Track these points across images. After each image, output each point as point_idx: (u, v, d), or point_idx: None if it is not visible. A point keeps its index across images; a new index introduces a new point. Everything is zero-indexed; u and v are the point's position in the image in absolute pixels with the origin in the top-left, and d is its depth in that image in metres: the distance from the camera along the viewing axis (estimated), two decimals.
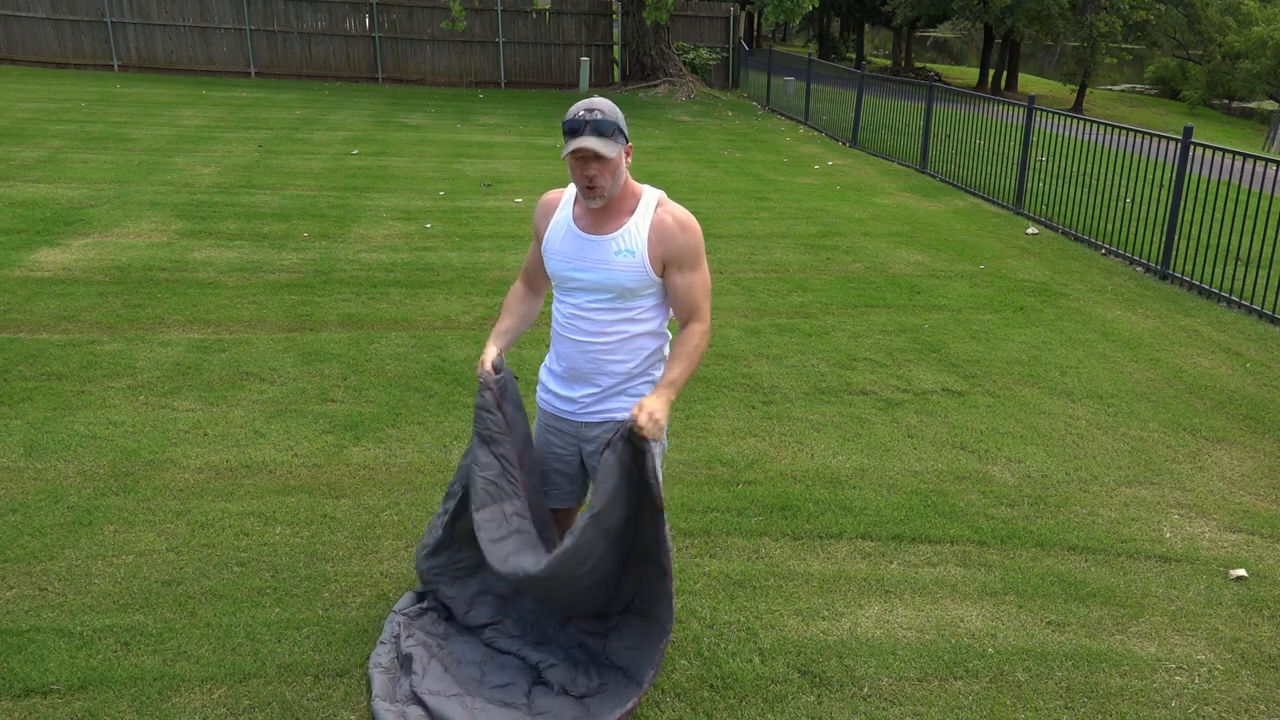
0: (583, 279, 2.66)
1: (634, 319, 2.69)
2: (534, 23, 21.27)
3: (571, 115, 2.52)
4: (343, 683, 2.89)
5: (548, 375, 2.87)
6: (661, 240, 2.61)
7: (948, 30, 48.42)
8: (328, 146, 12.18)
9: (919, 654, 3.17)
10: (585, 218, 2.67)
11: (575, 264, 2.66)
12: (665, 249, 2.62)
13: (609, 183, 2.55)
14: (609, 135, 2.51)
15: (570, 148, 2.51)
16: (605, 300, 2.66)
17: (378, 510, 3.85)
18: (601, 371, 2.73)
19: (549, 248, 2.72)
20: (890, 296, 7.09)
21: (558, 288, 2.76)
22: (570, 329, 2.72)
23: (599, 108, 2.53)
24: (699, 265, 2.66)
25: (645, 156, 12.94)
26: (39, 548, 3.49)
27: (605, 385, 2.74)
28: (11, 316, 5.75)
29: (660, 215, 2.63)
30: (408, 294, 6.55)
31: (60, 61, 19.41)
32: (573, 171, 2.56)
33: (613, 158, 2.52)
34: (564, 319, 2.75)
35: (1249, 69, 30.86)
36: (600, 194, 2.56)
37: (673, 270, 2.65)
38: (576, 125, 2.51)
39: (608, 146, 2.50)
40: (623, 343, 2.70)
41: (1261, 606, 3.55)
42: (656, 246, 2.61)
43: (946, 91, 12.60)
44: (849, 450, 4.62)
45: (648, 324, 2.72)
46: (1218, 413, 5.31)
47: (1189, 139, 7.88)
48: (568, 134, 2.53)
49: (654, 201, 2.66)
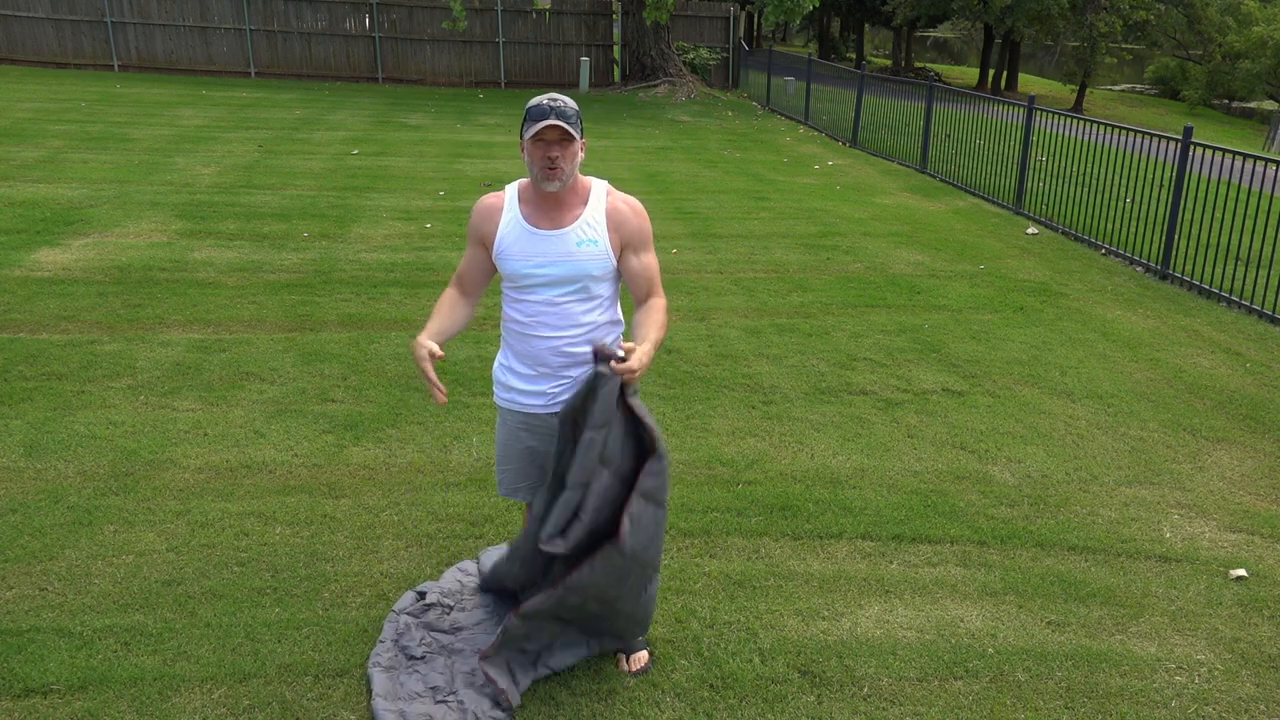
0: (546, 274, 2.68)
1: (598, 307, 2.75)
2: (534, 23, 21.27)
3: (535, 103, 2.60)
4: (343, 683, 2.90)
5: (509, 375, 2.85)
6: (618, 226, 2.71)
7: (948, 30, 48.43)
8: (328, 146, 12.19)
9: (919, 654, 3.17)
10: (537, 214, 2.69)
11: (536, 260, 2.68)
12: (622, 234, 2.71)
13: (569, 166, 2.62)
14: (572, 122, 2.59)
15: (537, 128, 2.55)
16: (570, 292, 2.70)
17: (378, 510, 3.85)
18: (571, 363, 2.75)
19: (503, 250, 2.71)
20: (890, 296, 7.09)
21: (515, 288, 2.74)
22: (537, 326, 2.73)
23: (562, 98, 2.62)
24: (651, 246, 2.80)
25: (645, 156, 12.94)
26: (39, 548, 3.49)
27: (575, 375, 2.77)
28: (11, 316, 5.75)
29: (613, 203, 2.73)
30: (408, 294, 6.55)
31: (60, 61, 19.41)
32: (532, 155, 2.60)
33: (576, 139, 2.60)
34: (527, 318, 2.74)
35: (1249, 69, 30.87)
36: (559, 176, 2.61)
37: (629, 253, 2.74)
38: (542, 111, 2.57)
39: (573, 129, 2.59)
40: (589, 332, 2.74)
41: (1261, 606, 3.55)
42: (614, 233, 2.70)
43: (946, 91, 12.60)
44: (849, 450, 4.62)
45: (609, 311, 2.79)
46: (1218, 413, 5.31)
47: (1189, 139, 7.88)
48: (531, 120, 2.58)
49: (603, 190, 2.74)
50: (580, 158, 2.66)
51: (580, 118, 2.64)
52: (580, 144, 2.64)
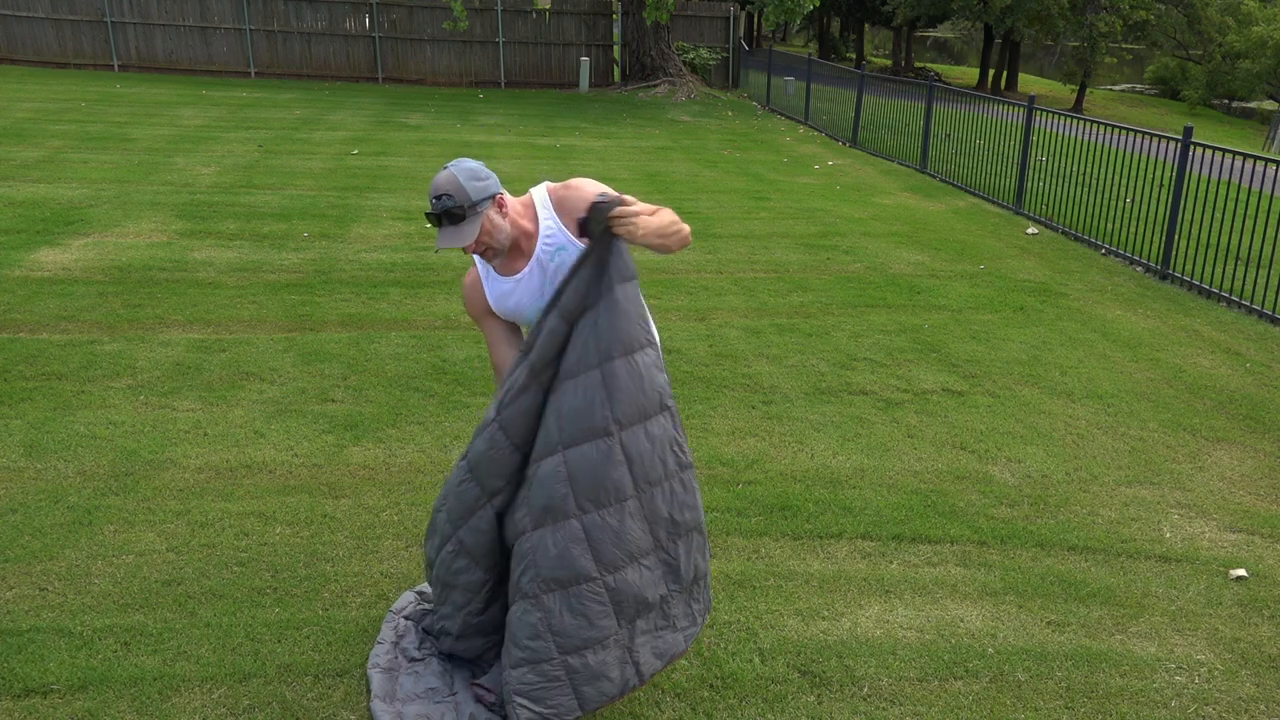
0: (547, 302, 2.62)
1: None
2: (534, 23, 21.27)
3: (429, 206, 2.49)
4: (343, 683, 2.90)
5: None
6: (572, 213, 2.55)
7: (948, 30, 48.42)
8: (328, 146, 12.19)
9: (919, 654, 3.17)
10: (507, 264, 2.64)
11: (533, 299, 2.63)
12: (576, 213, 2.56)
13: (494, 242, 2.53)
14: (463, 218, 2.47)
15: (437, 247, 2.52)
16: None
17: (378, 510, 3.85)
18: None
19: (508, 312, 2.68)
20: (890, 296, 7.09)
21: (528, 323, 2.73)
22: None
23: (446, 190, 2.46)
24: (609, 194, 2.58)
25: (645, 156, 12.94)
26: (39, 548, 3.49)
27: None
28: (11, 316, 5.75)
29: (557, 199, 2.60)
30: (408, 294, 6.56)
31: (60, 61, 19.42)
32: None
33: (475, 229, 2.47)
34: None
35: (1249, 69, 30.90)
36: (496, 254, 2.56)
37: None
38: (434, 220, 2.48)
39: (466, 232, 2.47)
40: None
41: (1261, 606, 3.55)
42: (569, 219, 2.57)
43: (946, 91, 12.60)
44: (849, 450, 4.62)
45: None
46: (1218, 413, 5.31)
47: (1189, 139, 7.88)
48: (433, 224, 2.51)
49: (544, 195, 2.63)
50: (497, 220, 2.52)
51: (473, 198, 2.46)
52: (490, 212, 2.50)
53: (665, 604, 2.61)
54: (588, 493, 2.46)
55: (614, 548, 2.48)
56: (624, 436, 2.48)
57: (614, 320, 2.47)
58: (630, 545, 2.50)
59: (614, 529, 2.47)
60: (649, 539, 2.54)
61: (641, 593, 2.53)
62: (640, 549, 2.53)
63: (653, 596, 2.56)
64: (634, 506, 2.50)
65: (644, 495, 2.52)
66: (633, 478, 2.49)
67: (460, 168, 2.51)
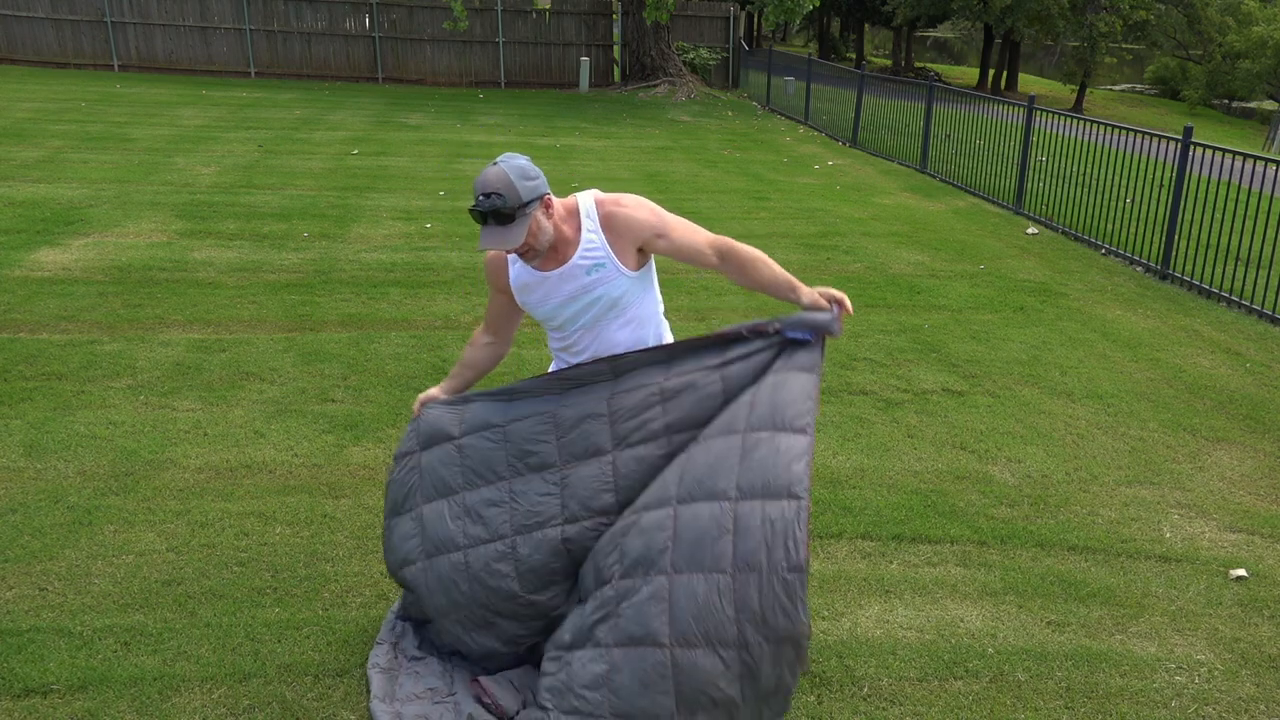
0: (569, 311, 2.63)
1: (636, 308, 2.67)
2: (534, 23, 21.27)
3: (474, 202, 2.39)
4: (343, 683, 2.90)
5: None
6: (621, 234, 2.54)
7: (948, 30, 48.41)
8: (328, 146, 12.19)
9: (919, 654, 3.17)
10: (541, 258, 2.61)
11: (554, 302, 2.62)
12: (631, 237, 2.56)
13: (537, 243, 2.47)
14: (511, 218, 2.39)
15: (479, 247, 2.44)
16: (598, 315, 2.64)
17: (378, 510, 3.85)
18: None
19: (524, 302, 2.68)
20: (890, 296, 7.09)
21: (549, 325, 2.73)
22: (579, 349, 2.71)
23: (496, 188, 2.37)
24: (667, 223, 2.59)
25: (645, 156, 12.94)
26: (39, 548, 3.49)
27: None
28: (11, 316, 5.75)
29: (605, 213, 2.56)
30: (408, 294, 6.56)
31: (60, 61, 19.42)
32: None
33: (523, 230, 2.40)
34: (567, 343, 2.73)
35: (1249, 69, 30.89)
36: (535, 256, 2.51)
37: (652, 244, 2.59)
38: (478, 217, 2.40)
39: (514, 234, 2.40)
40: (634, 331, 2.69)
41: (1261, 606, 3.55)
42: (619, 241, 2.55)
43: (946, 91, 12.60)
44: (849, 450, 4.62)
45: (646, 305, 2.70)
46: (1218, 413, 5.31)
47: (1189, 139, 7.88)
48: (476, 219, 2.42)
49: (592, 204, 2.58)
50: (544, 222, 2.46)
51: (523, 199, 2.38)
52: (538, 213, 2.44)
53: (732, 710, 2.27)
54: (686, 553, 2.31)
55: (692, 618, 2.26)
56: (739, 507, 2.30)
57: (778, 396, 2.41)
58: (710, 625, 2.25)
59: (699, 599, 2.27)
60: (733, 629, 2.25)
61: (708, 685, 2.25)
62: (721, 637, 2.25)
63: (720, 696, 2.26)
64: (725, 584, 2.26)
65: (739, 576, 2.26)
66: (734, 551, 2.27)
67: (511, 164, 2.42)
